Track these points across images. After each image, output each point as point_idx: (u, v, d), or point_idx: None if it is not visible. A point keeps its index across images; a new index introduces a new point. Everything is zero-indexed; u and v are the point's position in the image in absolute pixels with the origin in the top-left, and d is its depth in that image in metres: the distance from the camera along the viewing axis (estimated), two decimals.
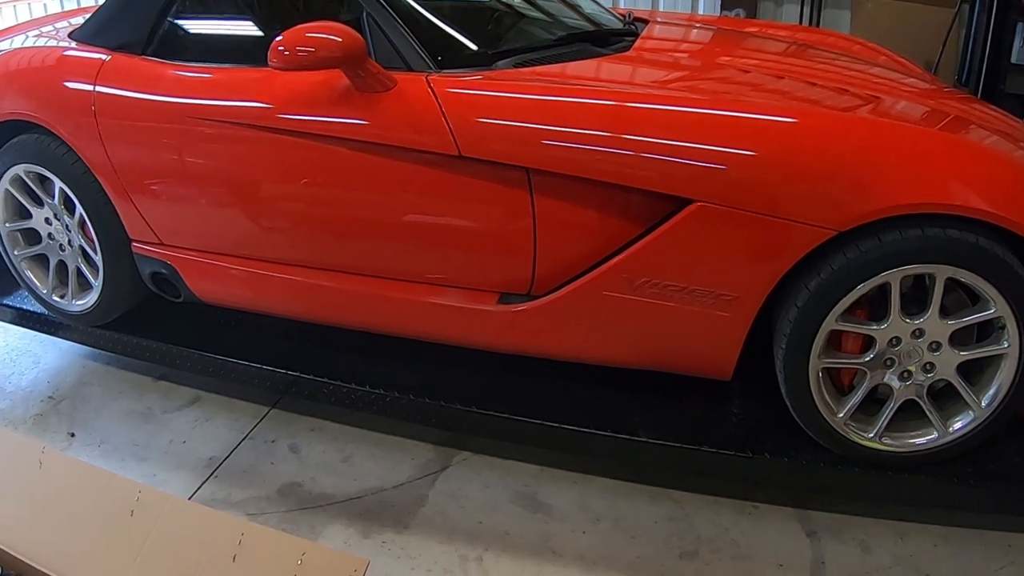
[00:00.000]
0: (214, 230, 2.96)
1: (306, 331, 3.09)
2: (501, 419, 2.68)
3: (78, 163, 3.02)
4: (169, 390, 3.40)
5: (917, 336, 2.28)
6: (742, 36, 3.59)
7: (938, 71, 5.49)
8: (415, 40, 2.61)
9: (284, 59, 2.43)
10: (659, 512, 2.67)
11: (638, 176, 2.31)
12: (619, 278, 2.41)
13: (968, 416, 2.36)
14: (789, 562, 2.47)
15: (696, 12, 6.34)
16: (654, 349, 2.54)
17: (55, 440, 3.11)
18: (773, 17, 6.21)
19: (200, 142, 2.81)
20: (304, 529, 2.64)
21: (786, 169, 2.19)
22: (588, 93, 2.45)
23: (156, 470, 2.93)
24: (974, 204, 2.12)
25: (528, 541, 2.58)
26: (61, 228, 3.22)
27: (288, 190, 2.76)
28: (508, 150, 2.40)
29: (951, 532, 2.56)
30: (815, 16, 6.13)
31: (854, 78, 2.91)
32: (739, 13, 6.13)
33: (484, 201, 2.50)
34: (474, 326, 2.69)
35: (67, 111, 3.00)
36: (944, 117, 2.57)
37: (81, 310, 3.28)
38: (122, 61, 3.00)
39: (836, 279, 2.21)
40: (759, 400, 2.69)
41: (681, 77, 2.86)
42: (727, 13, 6.16)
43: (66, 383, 3.49)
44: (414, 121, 2.48)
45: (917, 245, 2.15)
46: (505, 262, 2.57)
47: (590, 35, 3.12)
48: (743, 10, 6.16)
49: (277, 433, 3.11)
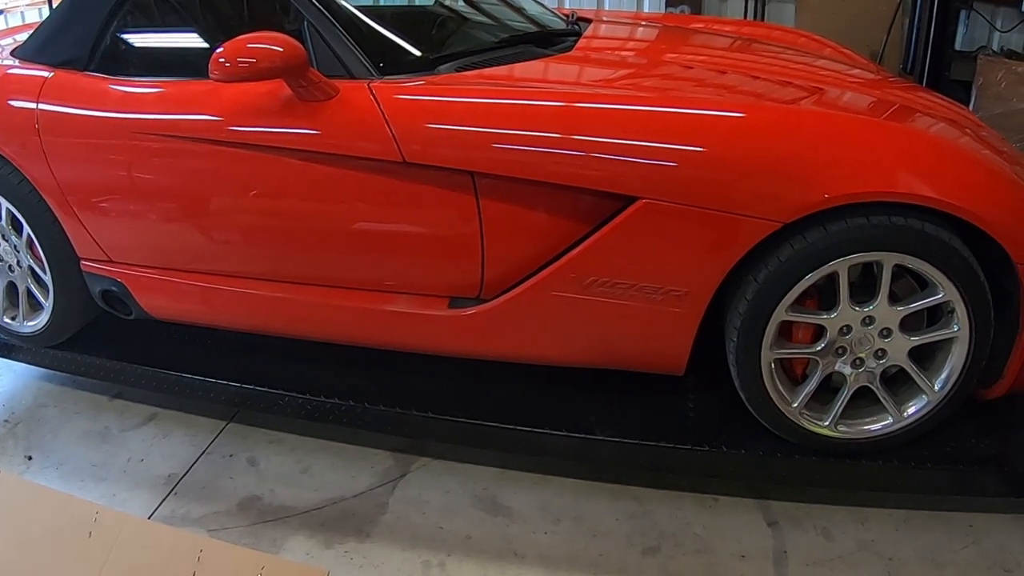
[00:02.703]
0: (163, 245, 2.93)
1: (260, 343, 3.07)
2: (458, 423, 2.67)
3: (23, 183, 2.98)
4: (125, 408, 3.36)
5: (867, 323, 2.30)
6: (687, 33, 3.61)
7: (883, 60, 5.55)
8: (356, 47, 2.60)
9: (225, 71, 2.40)
10: (620, 509, 2.68)
11: (582, 176, 2.31)
12: (568, 278, 2.41)
13: (922, 400, 2.39)
14: (752, 553, 2.49)
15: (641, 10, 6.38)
16: (606, 347, 2.55)
17: (12, 464, 3.06)
18: (718, 13, 6.25)
19: (146, 157, 2.78)
20: (266, 542, 2.62)
21: (729, 163, 2.20)
22: (531, 95, 2.45)
23: (115, 490, 2.90)
24: (919, 191, 2.14)
25: (490, 544, 2.57)
26: (9, 249, 3.18)
27: (237, 202, 2.74)
28: (452, 155, 2.40)
29: (912, 515, 2.59)
30: (760, 10, 6.18)
31: (799, 71, 2.94)
32: (684, 10, 6.16)
33: (430, 206, 2.50)
34: (426, 331, 2.68)
35: (10, 130, 2.96)
36: (889, 106, 2.60)
37: (33, 331, 3.24)
38: (65, 78, 2.96)
39: (784, 270, 2.23)
40: (713, 393, 2.69)
41: (624, 75, 2.86)
42: (672, 10, 6.19)
43: (21, 405, 3.43)
44: (357, 129, 2.47)
45: (863, 234, 2.17)
46: (454, 267, 2.57)
47: (533, 36, 3.13)
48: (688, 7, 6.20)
49: (235, 447, 3.08)
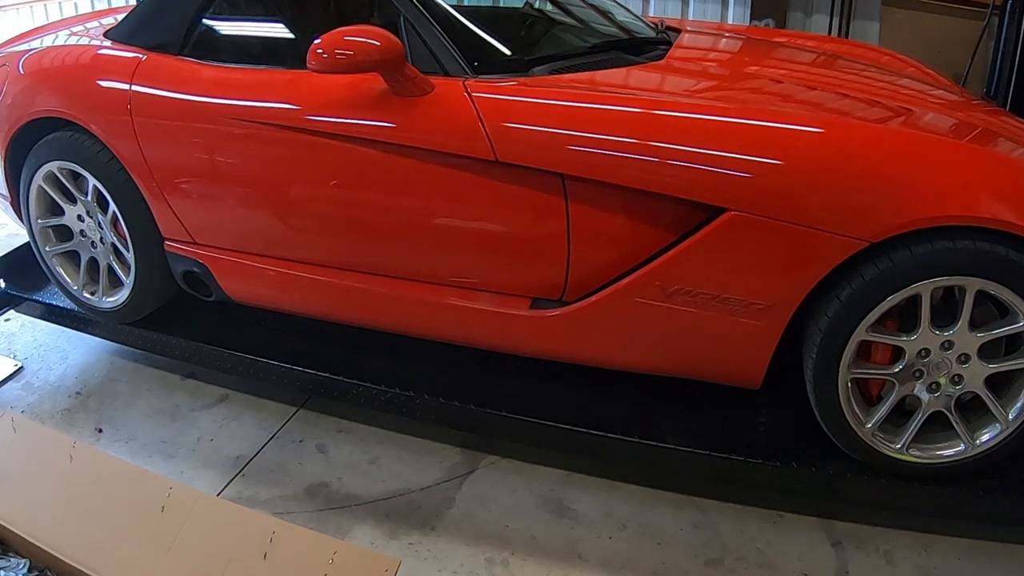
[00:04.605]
0: (246, 230, 2.98)
1: (336, 332, 3.10)
2: (529, 423, 2.68)
3: (112, 161, 3.05)
4: (197, 388, 3.42)
5: (946, 348, 2.28)
6: (772, 46, 3.60)
7: (967, 83, 5.47)
8: (452, 45, 2.63)
9: (322, 62, 2.44)
10: (684, 519, 2.68)
11: (672, 184, 2.32)
12: (652, 285, 2.42)
13: (995, 429, 2.36)
14: (814, 571, 2.48)
15: (726, 21, 6.34)
16: (684, 356, 2.55)
17: (82, 436, 3.12)
18: (802, 27, 6.18)
19: (234, 142, 2.84)
20: (331, 529, 2.65)
21: (818, 179, 2.20)
22: (625, 101, 2.46)
23: (183, 467, 2.95)
24: (1004, 216, 2.12)
25: (554, 545, 2.59)
26: (93, 225, 3.25)
27: (320, 192, 2.78)
28: (544, 156, 2.41)
29: (976, 545, 2.56)
30: (844, 27, 6.10)
31: (883, 89, 2.92)
32: (768, 23, 6.13)
33: (519, 206, 2.51)
34: (506, 331, 2.70)
35: (102, 109, 3.03)
36: (973, 129, 2.58)
37: (111, 307, 3.30)
38: (158, 61, 3.03)
39: (867, 290, 2.21)
40: (787, 409, 2.68)
41: (716, 87, 2.87)
42: (756, 23, 6.16)
43: (94, 379, 3.51)
44: (451, 126, 2.50)
45: (947, 257, 2.15)
46: (538, 267, 2.58)
47: (623, 43, 3.15)
48: (772, 20, 6.16)
49: (305, 433, 3.12)
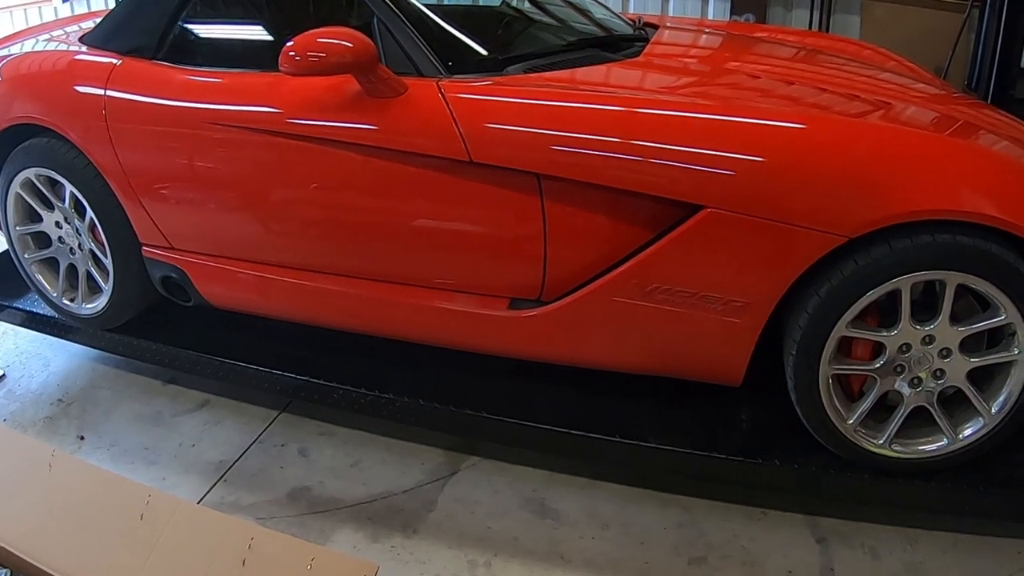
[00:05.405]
0: (225, 234, 2.97)
1: (316, 335, 3.08)
2: (510, 424, 2.67)
3: (88, 167, 3.03)
4: (178, 393, 3.41)
5: (927, 343, 2.27)
6: (752, 41, 3.59)
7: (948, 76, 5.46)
8: (426, 45, 2.62)
9: (295, 64, 2.43)
10: (668, 518, 2.67)
11: (649, 182, 2.31)
12: (630, 284, 2.41)
13: (978, 423, 2.35)
14: (798, 568, 2.47)
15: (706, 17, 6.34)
16: (664, 355, 2.54)
17: (64, 443, 3.11)
18: (783, 22, 6.18)
19: (211, 147, 2.82)
20: (314, 533, 2.64)
21: (797, 175, 2.19)
22: (599, 99, 2.45)
23: (165, 473, 2.94)
24: (985, 210, 2.11)
25: (537, 546, 2.58)
26: (71, 231, 3.23)
27: (298, 195, 2.77)
28: (519, 156, 2.40)
29: (961, 539, 2.56)
30: (824, 21, 6.10)
31: (864, 84, 2.91)
32: (749, 18, 6.12)
33: (495, 206, 2.50)
34: (484, 331, 2.69)
35: (78, 115, 3.01)
36: (954, 123, 2.58)
37: (91, 313, 3.29)
38: (133, 65, 3.01)
39: (847, 285, 2.21)
40: (768, 406, 2.68)
41: (692, 83, 2.86)
42: (737, 18, 6.15)
43: (76, 386, 3.49)
44: (425, 127, 2.48)
45: (928, 252, 2.14)
46: (515, 267, 2.57)
47: (600, 40, 3.13)
48: (753, 15, 6.16)
49: (286, 437, 3.11)
